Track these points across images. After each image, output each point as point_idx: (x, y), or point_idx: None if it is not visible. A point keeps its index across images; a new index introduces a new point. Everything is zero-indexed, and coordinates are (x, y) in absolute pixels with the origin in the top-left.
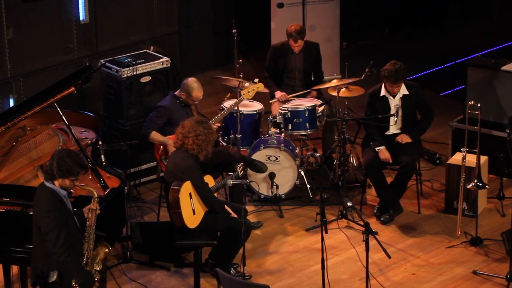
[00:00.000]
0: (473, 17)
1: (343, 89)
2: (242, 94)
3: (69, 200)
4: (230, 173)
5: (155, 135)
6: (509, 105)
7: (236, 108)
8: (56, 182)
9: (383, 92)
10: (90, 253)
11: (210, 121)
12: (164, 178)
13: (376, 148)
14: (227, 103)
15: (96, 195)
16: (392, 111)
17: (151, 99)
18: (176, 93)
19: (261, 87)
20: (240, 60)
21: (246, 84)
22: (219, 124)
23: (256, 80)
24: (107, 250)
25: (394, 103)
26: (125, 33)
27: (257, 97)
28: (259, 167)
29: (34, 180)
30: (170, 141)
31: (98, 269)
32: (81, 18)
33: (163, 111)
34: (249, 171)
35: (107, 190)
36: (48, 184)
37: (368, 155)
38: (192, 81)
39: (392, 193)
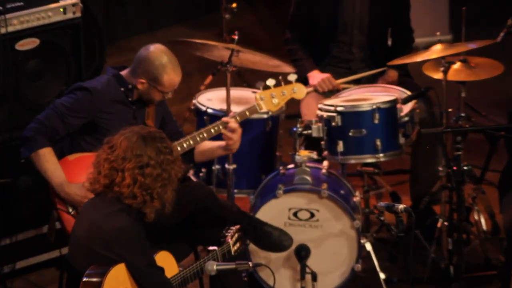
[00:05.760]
0: None
1: (457, 65)
2: (258, 99)
3: None
4: (212, 248)
5: (47, 155)
6: None
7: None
8: None
9: None
10: None
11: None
12: (67, 258)
13: None
14: (204, 97)
15: None
16: None
17: (41, 86)
18: (122, 72)
19: (300, 94)
20: (233, 5)
21: (268, 82)
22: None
23: (293, 78)
24: None
25: None
26: None
27: None
28: (274, 240)
29: None
30: (74, 187)
31: None
32: None
33: (86, 98)
34: (252, 247)
35: None
36: None
37: None
38: (159, 52)
39: None
